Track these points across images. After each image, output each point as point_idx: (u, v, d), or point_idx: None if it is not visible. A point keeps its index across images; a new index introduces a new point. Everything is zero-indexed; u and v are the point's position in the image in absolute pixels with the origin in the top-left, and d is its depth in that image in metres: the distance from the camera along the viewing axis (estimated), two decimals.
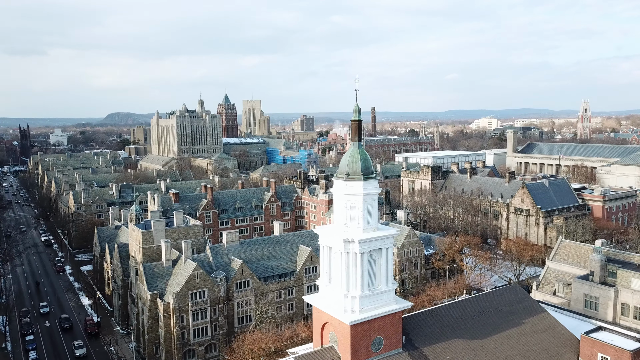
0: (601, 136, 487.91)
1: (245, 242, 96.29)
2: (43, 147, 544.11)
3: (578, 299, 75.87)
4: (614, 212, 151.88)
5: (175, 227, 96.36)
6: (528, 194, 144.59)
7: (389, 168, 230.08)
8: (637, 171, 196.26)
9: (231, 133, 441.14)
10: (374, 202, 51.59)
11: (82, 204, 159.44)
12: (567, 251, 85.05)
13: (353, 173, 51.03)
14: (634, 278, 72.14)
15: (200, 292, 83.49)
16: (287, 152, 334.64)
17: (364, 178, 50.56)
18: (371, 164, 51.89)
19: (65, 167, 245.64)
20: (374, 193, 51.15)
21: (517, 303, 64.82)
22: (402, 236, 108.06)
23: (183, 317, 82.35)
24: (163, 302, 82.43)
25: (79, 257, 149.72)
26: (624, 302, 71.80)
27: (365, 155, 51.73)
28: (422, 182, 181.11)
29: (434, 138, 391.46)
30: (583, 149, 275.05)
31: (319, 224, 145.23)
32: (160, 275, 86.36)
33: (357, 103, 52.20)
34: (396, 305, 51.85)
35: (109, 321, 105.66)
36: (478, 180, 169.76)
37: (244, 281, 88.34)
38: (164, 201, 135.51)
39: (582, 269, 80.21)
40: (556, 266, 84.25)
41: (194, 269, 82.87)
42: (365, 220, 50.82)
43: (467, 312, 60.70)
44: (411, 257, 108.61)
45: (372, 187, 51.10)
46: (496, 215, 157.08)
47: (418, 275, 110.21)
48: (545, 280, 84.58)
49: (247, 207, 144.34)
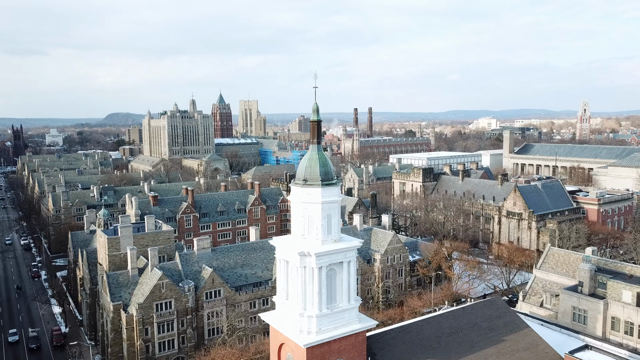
0: (600, 137, 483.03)
1: (218, 249, 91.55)
2: (37, 148, 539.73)
3: (566, 312, 71.10)
4: (609, 216, 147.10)
5: (144, 233, 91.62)
6: (520, 196, 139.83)
7: (381, 169, 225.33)
8: (634, 173, 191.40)
9: (226, 133, 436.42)
10: (335, 210, 46.84)
11: (61, 206, 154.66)
12: (556, 259, 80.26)
13: (311, 179, 46.29)
14: (625, 290, 67.40)
15: (166, 302, 78.72)
16: (280, 153, 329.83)
17: (323, 184, 45.83)
18: (332, 169, 47.14)
19: (52, 169, 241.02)
20: (334, 201, 46.41)
21: (498, 318, 60.11)
22: (385, 242, 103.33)
23: (147, 329, 77.59)
24: (126, 313, 77.69)
25: (57, 262, 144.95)
26: (614, 316, 67.02)
27: (325, 160, 46.99)
28: (413, 185, 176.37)
29: (430, 139, 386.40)
30: (580, 150, 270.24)
31: None
32: (125, 284, 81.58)
33: (316, 102, 47.49)
34: (359, 324, 47.06)
35: (78, 331, 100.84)
36: (470, 183, 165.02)
37: (214, 291, 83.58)
38: (142, 204, 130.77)
39: (571, 279, 75.44)
40: (544, 275, 79.48)
41: (159, 279, 78.11)
42: (325, 231, 46.08)
43: (443, 329, 56.04)
44: (395, 264, 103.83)
45: (332, 194, 46.36)
46: (488, 219, 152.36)
47: (402, 282, 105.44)
48: (532, 291, 79.79)
49: (229, 211, 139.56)
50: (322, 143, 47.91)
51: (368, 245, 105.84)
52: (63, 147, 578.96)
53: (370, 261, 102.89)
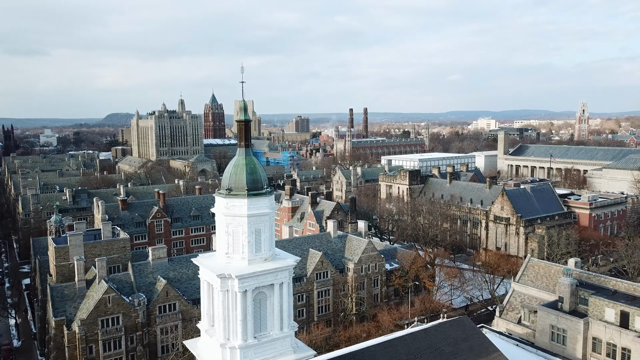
0: (599, 138, 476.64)
1: (175, 259, 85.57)
2: (30, 148, 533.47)
3: (544, 331, 64.98)
4: (601, 221, 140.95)
5: (97, 242, 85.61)
6: (508, 201, 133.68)
7: (371, 171, 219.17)
8: (629, 175, 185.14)
9: (218, 134, 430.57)
10: (266, 225, 40.62)
11: (30, 210, 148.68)
12: (536, 272, 74.14)
13: (236, 188, 40.12)
14: (607, 307, 61.27)
15: (113, 318, 72.67)
16: (271, 154, 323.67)
17: (250, 195, 39.67)
18: (262, 176, 40.97)
19: (34, 170, 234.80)
20: (263, 214, 40.21)
21: (464, 341, 54.05)
22: (359, 250, 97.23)
23: (92, 347, 71.51)
24: (69, 330, 71.63)
25: (24, 269, 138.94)
26: (596, 337, 60.87)
27: (253, 166, 40.84)
28: (400, 187, 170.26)
29: (424, 140, 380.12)
30: (576, 151, 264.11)
31: (281, 235, 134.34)
32: (70, 298, 75.54)
33: (244, 99, 41.42)
34: (294, 355, 40.85)
35: (31, 346, 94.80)
36: (458, 186, 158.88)
37: (168, 304, 77.58)
38: (111, 209, 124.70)
39: (552, 293, 69.25)
40: (523, 289, 73.36)
41: (105, 292, 72.06)
42: (252, 249, 39.92)
43: (399, 355, 50.08)
44: (370, 274, 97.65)
45: (261, 205, 40.19)
46: (475, 224, 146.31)
47: (378, 293, 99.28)
48: (510, 306, 73.69)
49: (204, 215, 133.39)
50: (249, 146, 41.72)
51: (342, 254, 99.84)
52: (57, 148, 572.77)
53: (344, 270, 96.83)
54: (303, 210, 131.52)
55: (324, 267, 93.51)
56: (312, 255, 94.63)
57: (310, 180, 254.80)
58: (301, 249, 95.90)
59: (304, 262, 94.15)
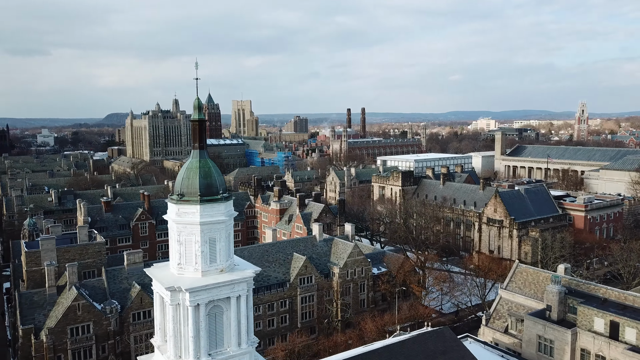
0: (598, 138, 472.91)
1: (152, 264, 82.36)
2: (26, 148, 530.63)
3: (530, 341, 61.98)
4: (597, 223, 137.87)
5: (71, 246, 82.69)
6: (501, 202, 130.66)
7: (365, 172, 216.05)
8: (627, 177, 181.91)
9: (215, 134, 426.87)
10: (221, 233, 37.68)
11: (14, 212, 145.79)
12: (524, 278, 71.13)
13: (188, 194, 37.24)
14: (597, 317, 58.29)
15: (84, 326, 69.76)
16: (266, 154, 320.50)
17: (203, 201, 36.75)
18: (218, 181, 38.00)
19: (24, 170, 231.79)
20: (219, 221, 37.29)
21: (442, 354, 51.17)
22: (345, 254, 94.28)
23: (60, 356, 68.62)
24: (36, 339, 68.71)
25: (7, 272, 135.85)
26: (584, 348, 57.89)
27: (208, 169, 37.88)
28: (393, 189, 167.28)
29: (421, 140, 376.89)
30: (574, 152, 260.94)
31: (269, 237, 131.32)
32: (40, 305, 72.59)
33: (198, 97, 38.49)
34: None
35: (6, 353, 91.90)
36: (451, 187, 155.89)
37: (143, 311, 74.64)
38: (94, 211, 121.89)
39: (540, 301, 66.25)
40: (510, 296, 70.39)
41: (75, 299, 69.17)
42: (206, 259, 37.02)
43: None
44: (356, 278, 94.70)
45: (216, 212, 37.28)
46: (469, 226, 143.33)
47: (365, 298, 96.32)
48: (497, 314, 70.70)
49: None
50: (205, 147, 38.72)
51: (328, 258, 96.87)
52: (53, 148, 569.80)
53: (329, 275, 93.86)
54: (292, 212, 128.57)
55: (308, 271, 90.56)
56: (296, 259, 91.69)
57: (304, 181, 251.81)
58: (285, 253, 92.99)
59: (288, 266, 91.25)
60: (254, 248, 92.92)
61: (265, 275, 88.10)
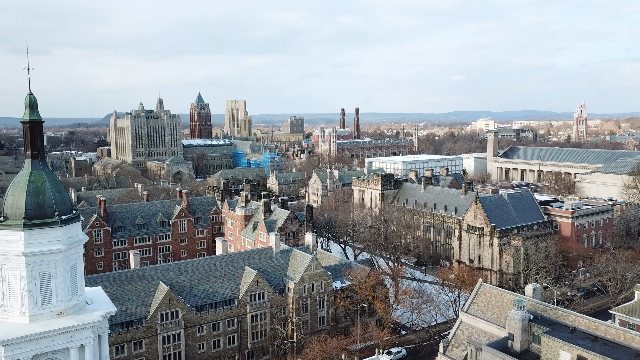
0: (596, 139, 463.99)
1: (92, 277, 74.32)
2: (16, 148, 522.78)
3: None
4: (585, 231, 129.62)
5: None
6: (481, 209, 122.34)
7: (349, 174, 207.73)
8: (619, 180, 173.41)
9: (204, 134, 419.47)
10: (59, 266, 29.55)
11: None
12: (487, 300, 62.98)
13: (12, 215, 29.25)
14: (562, 350, 50.21)
15: None
16: (252, 155, 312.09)
17: (29, 225, 28.64)
18: (55, 199, 29.83)
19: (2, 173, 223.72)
20: (55, 251, 29.20)
21: None
22: (302, 267, 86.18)
23: None
24: None
25: None
26: None
27: (41, 184, 29.77)
28: (372, 193, 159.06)
29: (412, 141, 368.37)
30: (567, 153, 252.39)
31: (235, 245, 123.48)
32: None
33: (32, 93, 30.46)
34: None
35: None
36: (432, 191, 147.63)
37: None
38: None
39: (503, 328, 58.20)
40: (471, 321, 62.25)
41: None
42: (35, 300, 28.93)
43: None
44: (314, 294, 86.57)
45: (50, 240, 29.16)
46: (449, 233, 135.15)
47: (324, 316, 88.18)
48: (456, 340, 62.52)
49: (150, 224, 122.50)
50: (41, 157, 30.76)
51: (284, 271, 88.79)
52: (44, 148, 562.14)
53: (284, 291, 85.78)
54: (257, 218, 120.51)
55: (259, 287, 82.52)
56: (247, 274, 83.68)
57: (289, 183, 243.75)
58: (235, 266, 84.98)
59: (238, 281, 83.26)
60: (200, 261, 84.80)
61: (210, 291, 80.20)
